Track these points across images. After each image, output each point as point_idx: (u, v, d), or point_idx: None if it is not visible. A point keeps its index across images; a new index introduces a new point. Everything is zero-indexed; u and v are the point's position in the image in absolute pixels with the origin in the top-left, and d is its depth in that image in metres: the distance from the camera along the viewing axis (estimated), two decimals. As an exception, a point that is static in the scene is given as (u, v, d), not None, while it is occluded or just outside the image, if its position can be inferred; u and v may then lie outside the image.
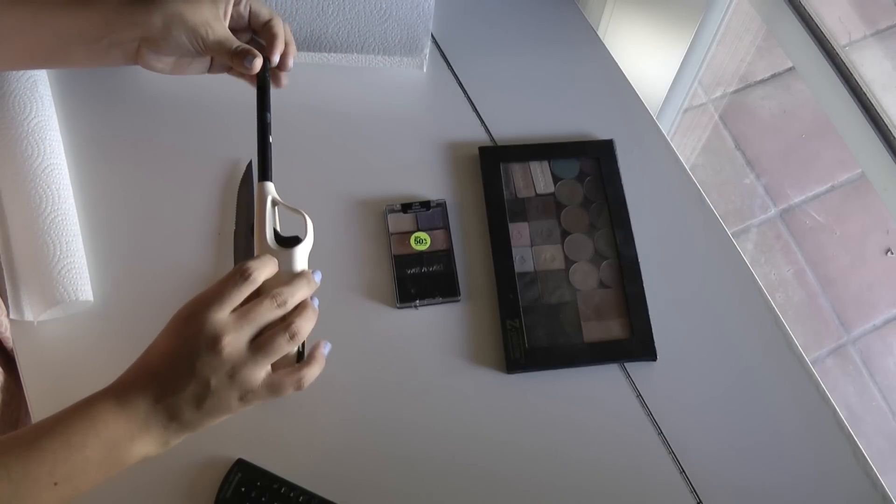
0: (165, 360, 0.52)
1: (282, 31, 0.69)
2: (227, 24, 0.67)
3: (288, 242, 0.59)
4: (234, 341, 0.52)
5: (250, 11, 0.69)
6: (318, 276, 0.58)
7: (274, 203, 0.60)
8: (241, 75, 0.69)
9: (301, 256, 0.58)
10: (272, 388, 0.53)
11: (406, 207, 0.77)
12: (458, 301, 0.74)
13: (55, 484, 0.49)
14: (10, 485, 0.47)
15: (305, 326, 0.54)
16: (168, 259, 0.75)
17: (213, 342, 0.51)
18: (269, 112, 0.66)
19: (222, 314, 0.52)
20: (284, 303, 0.54)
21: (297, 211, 0.60)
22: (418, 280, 0.74)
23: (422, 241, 0.76)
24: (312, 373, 0.55)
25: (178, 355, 0.52)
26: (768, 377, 0.73)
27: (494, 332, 0.73)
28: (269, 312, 0.53)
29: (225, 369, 0.51)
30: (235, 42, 0.66)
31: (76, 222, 0.74)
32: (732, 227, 1.71)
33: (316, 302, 0.57)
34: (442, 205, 0.77)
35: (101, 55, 0.67)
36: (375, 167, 0.80)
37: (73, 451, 0.49)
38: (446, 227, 0.77)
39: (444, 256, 0.75)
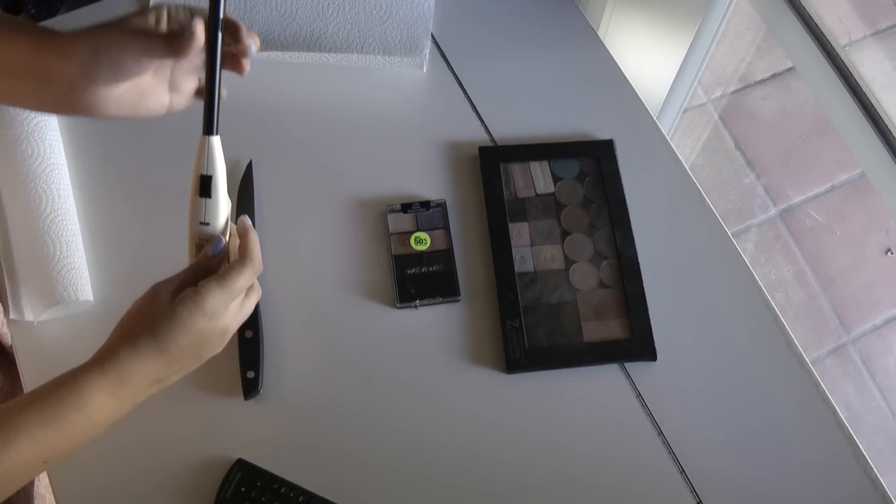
0: (179, 349, 0.54)
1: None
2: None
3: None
4: (233, 327, 0.57)
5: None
6: (248, 220, 0.60)
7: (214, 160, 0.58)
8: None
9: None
10: (240, 320, 0.58)
11: (406, 207, 0.77)
12: (458, 301, 0.74)
13: (44, 462, 0.51)
14: (1, 468, 0.49)
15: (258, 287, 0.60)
16: (168, 259, 0.75)
17: (223, 333, 0.56)
18: (218, 60, 0.57)
19: (231, 311, 0.56)
20: (255, 262, 0.57)
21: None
22: (418, 280, 0.74)
23: (422, 241, 0.76)
24: (256, 289, 0.59)
25: (195, 348, 0.55)
26: (768, 377, 0.73)
27: (494, 332, 0.73)
28: (253, 300, 0.58)
29: (220, 344, 0.57)
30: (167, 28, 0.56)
31: (76, 222, 0.74)
32: (732, 227, 1.71)
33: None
34: (442, 205, 0.77)
35: (29, 94, 0.57)
36: (375, 167, 0.80)
37: (63, 435, 0.51)
38: (446, 227, 0.77)
39: (443, 256, 0.75)
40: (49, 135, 0.76)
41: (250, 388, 0.69)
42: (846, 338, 1.65)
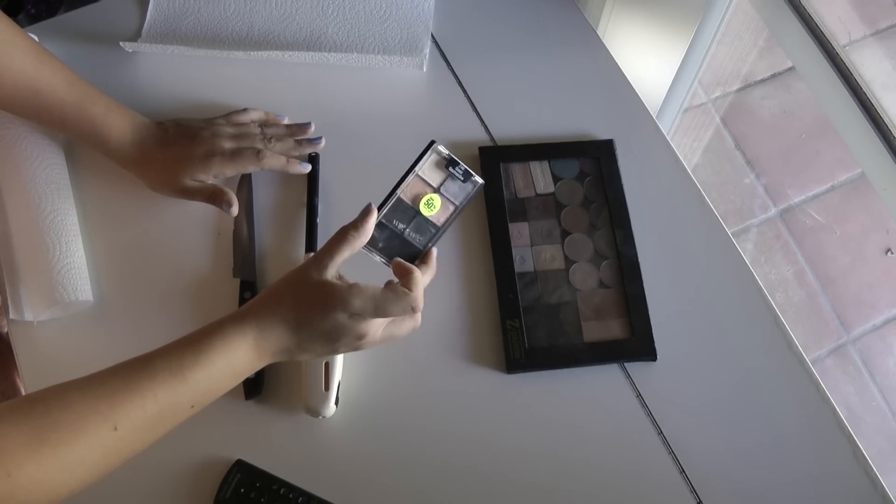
0: (313, 329, 0.58)
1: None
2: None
3: None
4: (373, 339, 0.60)
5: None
6: (434, 254, 0.65)
7: None
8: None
9: None
10: (389, 339, 0.62)
11: (452, 163, 0.65)
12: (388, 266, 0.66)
13: (192, 406, 0.55)
14: (157, 406, 0.52)
15: (420, 304, 0.61)
16: (167, 259, 0.75)
17: (360, 337, 0.59)
18: (318, 197, 0.76)
19: (377, 323, 0.59)
20: (416, 301, 0.60)
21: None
22: (392, 235, 0.64)
23: (431, 206, 0.65)
24: (417, 317, 0.62)
25: (327, 334, 0.58)
26: (768, 377, 0.73)
27: (494, 332, 0.73)
28: (401, 309, 0.59)
29: (353, 346, 0.60)
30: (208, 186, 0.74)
31: (76, 222, 0.74)
32: (732, 227, 1.71)
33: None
34: (477, 186, 0.66)
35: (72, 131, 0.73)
36: (375, 167, 0.80)
37: (211, 380, 0.55)
38: (457, 209, 0.66)
39: (427, 230, 0.65)
40: (49, 134, 0.76)
41: (252, 388, 0.69)
42: (846, 338, 1.65)
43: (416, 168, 0.65)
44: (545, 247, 0.77)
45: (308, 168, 0.77)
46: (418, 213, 0.65)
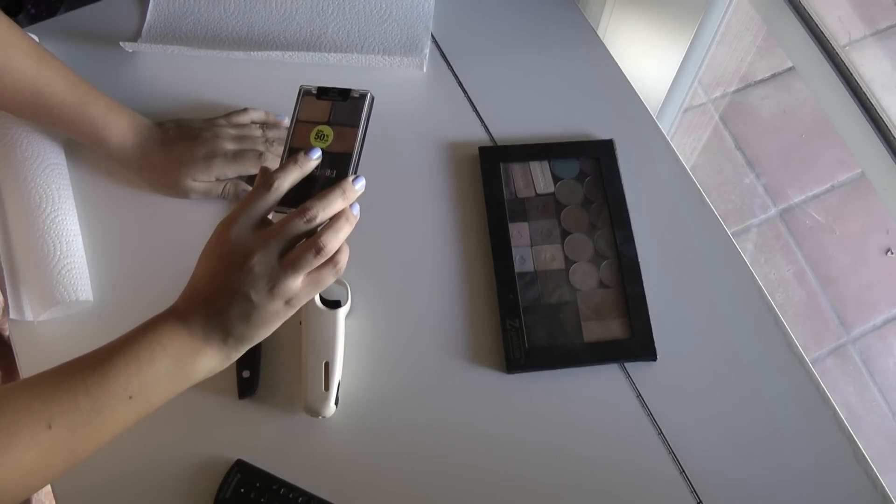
0: (208, 280, 0.55)
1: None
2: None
3: (331, 305, 0.71)
4: (263, 259, 0.53)
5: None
6: (359, 184, 0.57)
7: None
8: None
9: (342, 317, 0.71)
10: (313, 286, 0.55)
11: (323, 92, 0.61)
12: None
13: (130, 397, 0.52)
14: (89, 398, 0.51)
15: (334, 240, 0.55)
16: (168, 259, 0.75)
17: (244, 261, 0.53)
18: None
19: (246, 230, 0.54)
20: (314, 217, 0.54)
21: (339, 281, 0.70)
22: (300, 183, 0.57)
23: (323, 138, 0.59)
24: (343, 255, 0.56)
25: (217, 274, 0.54)
26: (768, 377, 0.73)
27: (494, 332, 0.73)
28: (295, 227, 0.54)
29: (262, 283, 0.53)
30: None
31: (76, 222, 0.74)
32: (732, 227, 1.71)
33: (356, 209, 0.57)
34: (364, 97, 0.60)
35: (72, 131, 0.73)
36: (375, 167, 0.80)
37: (143, 365, 0.52)
38: (356, 126, 0.59)
39: (341, 162, 0.58)
40: (49, 134, 0.76)
41: (246, 387, 0.69)
42: (846, 338, 1.65)
43: (295, 115, 0.60)
44: (545, 247, 0.77)
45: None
46: (322, 151, 0.58)
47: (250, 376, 0.69)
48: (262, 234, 0.54)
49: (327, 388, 0.67)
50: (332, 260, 0.55)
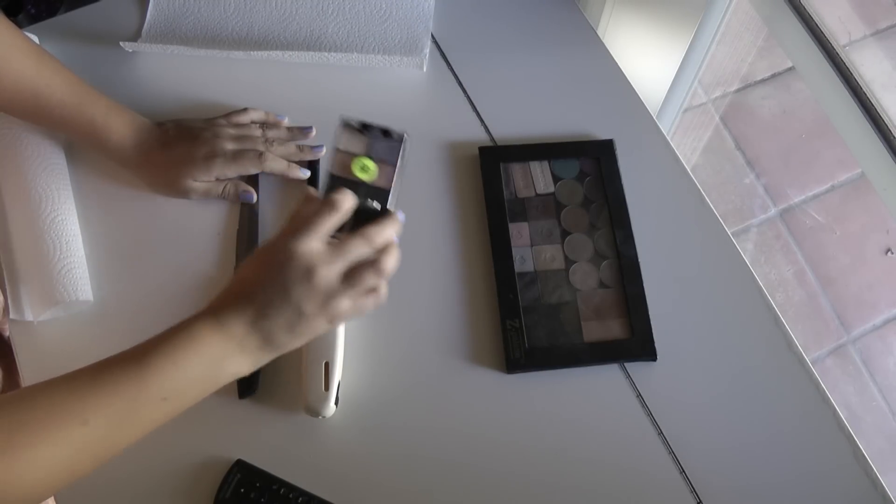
0: (259, 286, 0.55)
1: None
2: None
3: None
4: (328, 273, 0.55)
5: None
6: (401, 217, 0.61)
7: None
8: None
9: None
10: (356, 311, 0.57)
11: (365, 128, 0.65)
12: None
13: (164, 399, 0.53)
14: (124, 400, 0.51)
15: (391, 264, 0.58)
16: (168, 259, 0.75)
17: (308, 272, 0.54)
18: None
19: (315, 244, 0.55)
20: (374, 242, 0.57)
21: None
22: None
23: (366, 170, 0.63)
24: (385, 287, 0.59)
25: (272, 282, 0.55)
26: (768, 377, 0.73)
27: (494, 332, 0.73)
28: (358, 249, 0.57)
29: (318, 298, 0.55)
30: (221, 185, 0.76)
31: (76, 222, 0.75)
32: (732, 227, 1.71)
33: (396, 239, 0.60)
34: (402, 139, 0.65)
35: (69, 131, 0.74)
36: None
37: (179, 368, 0.53)
38: (394, 165, 0.64)
39: (380, 196, 0.63)
40: (49, 135, 0.76)
41: (246, 387, 0.69)
42: (846, 338, 1.65)
43: (335, 144, 0.64)
44: (545, 247, 0.77)
45: (307, 174, 0.77)
46: (361, 182, 0.63)
47: (250, 376, 0.69)
48: (328, 251, 0.55)
49: (327, 388, 0.67)
50: (376, 290, 0.58)
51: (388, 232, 0.58)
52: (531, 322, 0.73)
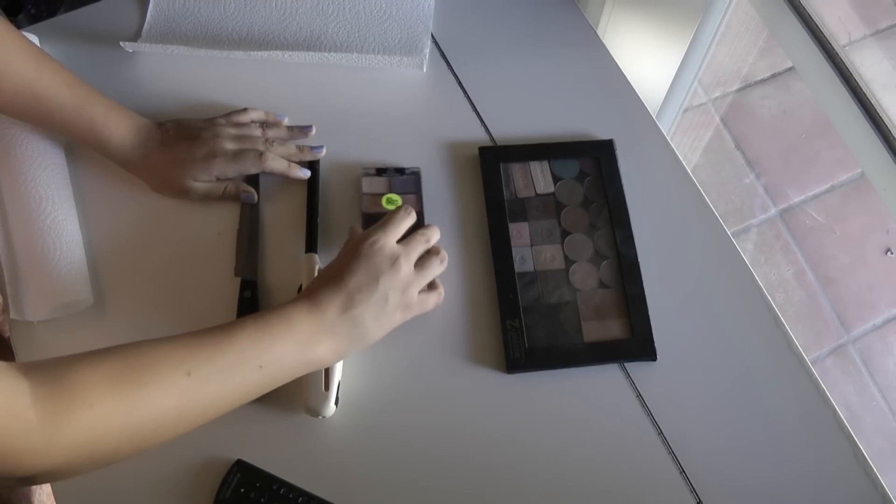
0: (352, 275, 0.62)
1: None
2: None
3: None
4: (406, 262, 0.65)
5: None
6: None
7: (319, 272, 0.69)
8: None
9: None
10: (420, 305, 0.67)
11: (381, 171, 0.78)
12: None
13: (260, 367, 0.57)
14: (225, 358, 0.56)
15: (446, 256, 0.70)
16: (168, 259, 0.75)
17: (394, 261, 0.64)
18: (318, 197, 0.77)
19: (394, 240, 0.66)
20: (429, 239, 0.69)
21: None
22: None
23: (393, 202, 0.77)
24: (441, 287, 0.70)
25: (364, 271, 0.63)
26: (768, 377, 0.73)
27: (494, 332, 0.73)
28: (421, 245, 0.68)
29: (400, 285, 0.64)
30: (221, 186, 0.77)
31: (76, 222, 0.75)
32: (732, 227, 1.71)
33: None
34: (417, 174, 0.79)
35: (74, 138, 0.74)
36: (375, 167, 0.80)
37: (275, 340, 0.58)
38: (418, 194, 0.78)
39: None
40: (49, 135, 0.76)
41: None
42: (846, 338, 1.65)
43: (361, 190, 0.77)
44: (545, 247, 0.77)
45: (308, 174, 0.77)
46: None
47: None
48: (404, 245, 0.66)
49: (327, 388, 0.67)
50: (437, 290, 0.69)
51: (436, 233, 0.70)
52: (531, 322, 0.73)
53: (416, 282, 0.66)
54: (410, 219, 0.68)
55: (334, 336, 0.61)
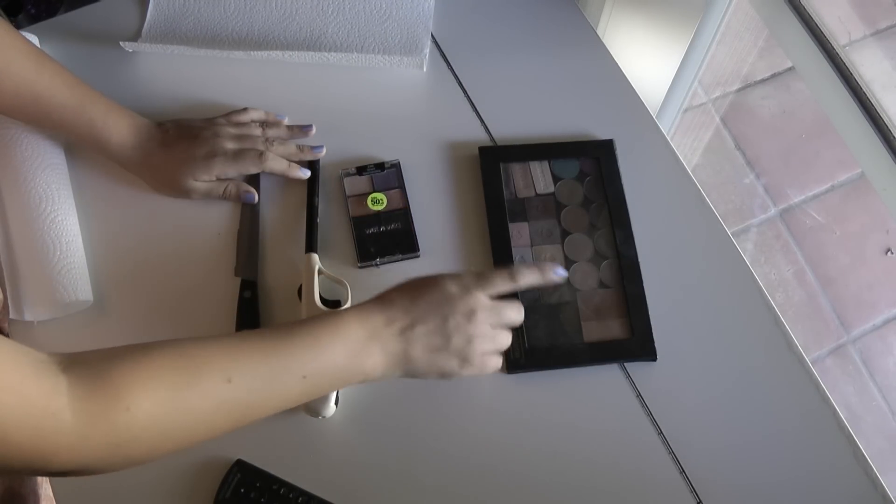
0: (424, 302, 0.60)
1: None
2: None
3: (331, 305, 0.70)
4: (484, 321, 0.61)
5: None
6: (562, 272, 0.67)
7: (319, 272, 0.71)
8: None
9: None
10: (483, 363, 0.63)
11: (361, 170, 0.78)
12: (417, 257, 0.75)
13: (304, 377, 0.55)
14: (268, 367, 0.54)
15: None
16: (167, 259, 0.75)
17: (471, 313, 0.60)
18: (318, 197, 0.77)
19: (485, 295, 0.62)
20: (521, 311, 0.65)
21: (339, 280, 0.71)
22: (377, 239, 0.75)
23: (378, 202, 0.76)
24: (500, 359, 0.65)
25: (437, 305, 0.60)
26: (768, 377, 0.73)
27: (494, 332, 0.73)
28: (515, 316, 0.64)
29: (466, 336, 0.60)
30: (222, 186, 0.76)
31: (76, 222, 0.75)
32: (732, 227, 1.71)
33: (562, 272, 0.67)
34: (396, 166, 0.78)
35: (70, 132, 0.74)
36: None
37: (321, 351, 0.56)
38: (401, 187, 0.78)
39: (401, 215, 0.76)
40: (49, 135, 0.76)
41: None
42: (846, 338, 1.65)
43: (346, 193, 0.77)
44: (545, 247, 0.77)
45: (308, 174, 0.77)
46: (380, 212, 0.76)
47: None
48: (492, 305, 0.62)
49: None
50: (499, 357, 0.64)
51: (522, 314, 0.65)
52: (531, 322, 0.73)
53: (485, 341, 0.62)
54: (512, 286, 0.64)
55: (385, 351, 0.58)
